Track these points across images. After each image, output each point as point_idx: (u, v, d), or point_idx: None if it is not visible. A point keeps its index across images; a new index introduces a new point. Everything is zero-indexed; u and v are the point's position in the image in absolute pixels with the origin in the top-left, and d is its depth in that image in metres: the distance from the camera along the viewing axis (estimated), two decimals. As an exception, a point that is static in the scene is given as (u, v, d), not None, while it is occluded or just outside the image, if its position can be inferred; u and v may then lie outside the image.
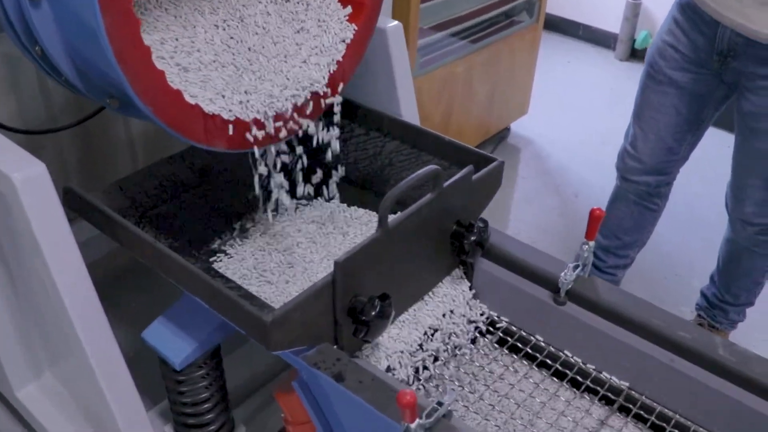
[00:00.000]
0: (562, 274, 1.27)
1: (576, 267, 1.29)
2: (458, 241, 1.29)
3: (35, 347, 1.47)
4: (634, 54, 4.38)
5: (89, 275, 1.22)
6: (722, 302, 2.25)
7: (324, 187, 1.51)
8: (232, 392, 1.53)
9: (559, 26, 4.67)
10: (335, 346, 1.13)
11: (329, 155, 1.42)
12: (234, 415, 1.49)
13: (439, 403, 0.99)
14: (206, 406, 1.36)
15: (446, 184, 1.22)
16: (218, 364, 1.35)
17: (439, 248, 1.30)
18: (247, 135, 1.26)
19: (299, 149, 1.40)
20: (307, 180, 1.45)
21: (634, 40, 4.36)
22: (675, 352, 1.21)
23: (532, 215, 2.94)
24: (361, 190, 1.58)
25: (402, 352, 1.23)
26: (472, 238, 1.27)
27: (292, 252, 1.45)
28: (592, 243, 1.29)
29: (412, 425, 0.93)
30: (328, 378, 1.06)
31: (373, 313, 1.09)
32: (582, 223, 1.26)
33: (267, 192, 1.51)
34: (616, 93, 3.95)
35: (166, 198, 1.45)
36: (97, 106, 1.54)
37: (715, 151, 2.82)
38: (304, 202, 1.58)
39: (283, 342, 1.04)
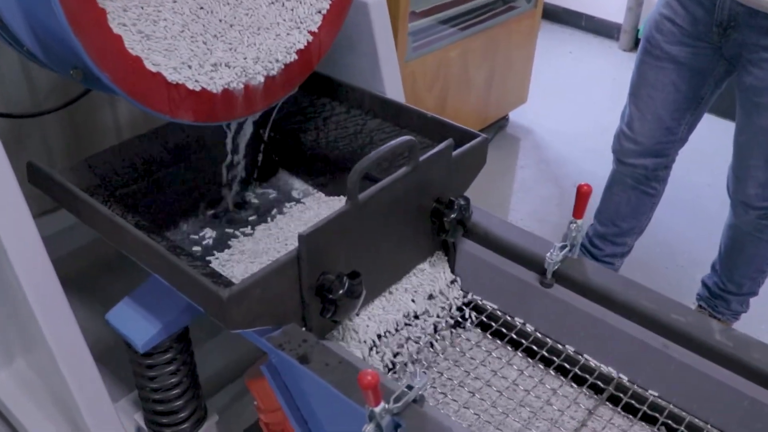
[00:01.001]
0: (548, 254, 1.20)
1: (563, 247, 1.22)
2: (438, 219, 1.22)
3: (6, 333, 1.42)
4: (638, 44, 4.29)
5: (71, 264, 1.18)
6: (724, 292, 2.15)
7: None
8: (207, 382, 1.47)
9: (561, 16, 4.59)
10: (303, 329, 1.07)
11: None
12: (209, 405, 1.43)
13: (409, 387, 0.92)
14: (175, 392, 1.29)
15: (423, 157, 1.16)
16: (186, 349, 1.28)
17: (418, 227, 1.23)
18: (216, 108, 1.20)
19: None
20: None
21: (638, 30, 4.26)
22: (668, 337, 1.13)
23: (530, 205, 2.87)
24: (339, 170, 1.51)
25: (378, 336, 1.16)
26: (452, 215, 1.20)
27: (267, 233, 1.39)
28: (580, 221, 1.22)
29: (377, 409, 0.86)
30: (292, 360, 1.00)
31: (341, 291, 1.02)
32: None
33: (243, 173, 1.46)
34: (618, 83, 3.85)
35: (137, 177, 1.38)
36: (81, 90, 1.48)
37: (718, 141, 2.73)
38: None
39: (243, 320, 0.97)
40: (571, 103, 3.60)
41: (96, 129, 1.78)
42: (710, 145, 2.92)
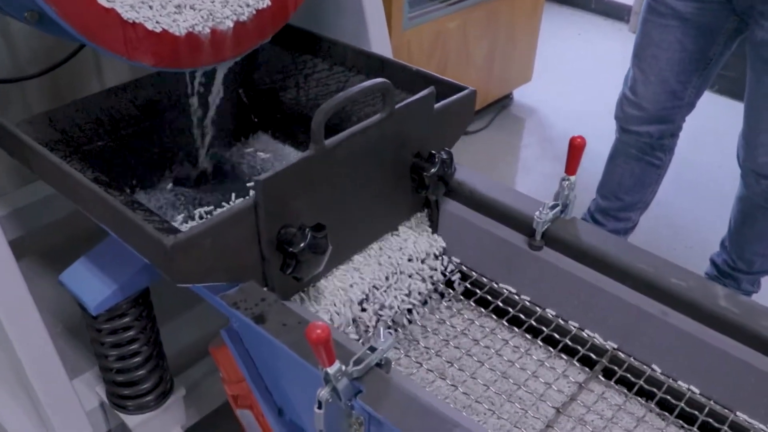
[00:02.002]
0: (537, 213, 1.10)
1: (554, 206, 1.12)
2: (418, 175, 1.12)
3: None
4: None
5: (49, 237, 1.09)
6: (734, 270, 2.01)
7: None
8: (177, 357, 1.38)
9: (571, -2, 4.48)
10: (265, 289, 0.97)
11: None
12: (178, 382, 1.34)
13: (372, 349, 0.82)
14: (135, 360, 1.20)
15: (399, 104, 1.06)
16: (147, 314, 1.19)
17: (397, 184, 1.13)
18: (180, 53, 1.10)
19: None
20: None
21: (649, 12, 4.14)
22: (668, 304, 1.03)
23: (533, 183, 2.76)
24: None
25: (351, 301, 1.06)
26: (433, 170, 1.10)
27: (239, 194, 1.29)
28: (573, 178, 1.12)
29: (330, 370, 0.76)
30: (248, 320, 0.90)
31: (303, 244, 0.92)
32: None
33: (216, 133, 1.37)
34: (626, 64, 3.74)
35: (102, 134, 1.29)
36: (65, 54, 1.39)
37: (728, 121, 2.62)
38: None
39: (192, 274, 0.88)
40: (578, 84, 3.48)
41: (80, 95, 1.70)
42: (720, 124, 2.80)
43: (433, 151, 1.12)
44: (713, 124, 1.88)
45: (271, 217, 0.92)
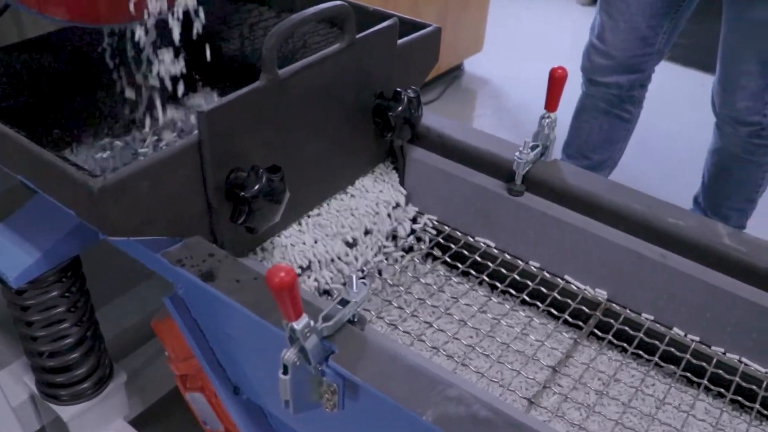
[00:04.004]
0: (517, 153, 0.98)
1: (535, 147, 1.00)
2: (382, 117, 1.00)
3: None
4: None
5: None
6: None
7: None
8: (118, 341, 1.24)
9: (517, -29, 4.39)
10: (214, 244, 0.83)
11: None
12: (119, 367, 1.19)
13: (343, 302, 0.70)
14: (67, 342, 1.05)
15: (360, 35, 0.93)
16: (78, 288, 1.04)
17: (359, 128, 1.00)
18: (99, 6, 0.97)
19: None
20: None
21: (596, -17, 4.09)
22: (667, 246, 0.92)
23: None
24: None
25: (314, 260, 0.94)
26: (399, 108, 0.98)
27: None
28: (554, 115, 1.01)
29: (297, 325, 0.63)
30: (194, 279, 0.76)
31: (257, 186, 0.79)
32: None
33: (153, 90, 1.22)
34: (576, 36, 3.65)
35: (20, 89, 1.14)
36: None
37: (684, 88, 2.54)
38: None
39: (126, 225, 0.74)
40: (529, 53, 3.40)
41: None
42: (676, 92, 2.75)
43: (399, 89, 0.99)
44: (668, 92, 1.81)
45: (218, 157, 0.78)
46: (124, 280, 1.32)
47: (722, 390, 0.88)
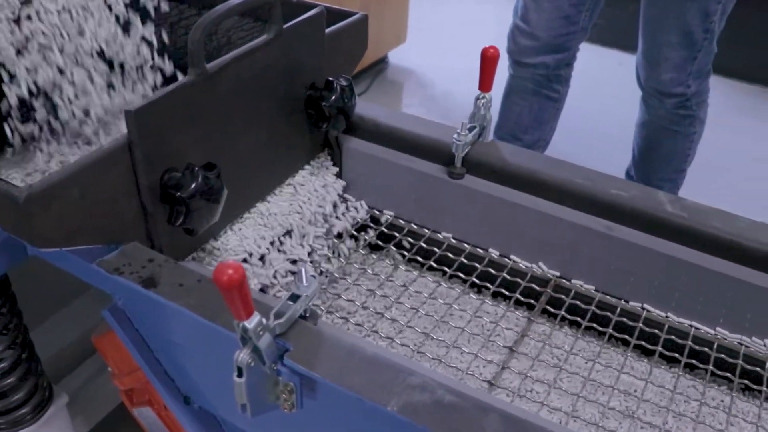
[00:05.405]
0: (455, 135, 0.97)
1: (472, 128, 0.99)
2: (315, 108, 0.97)
3: None
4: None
5: None
6: None
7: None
8: (55, 362, 1.18)
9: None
10: (152, 249, 0.80)
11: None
12: (59, 389, 1.14)
13: (294, 297, 0.67)
14: (1, 366, 1.00)
15: (288, 24, 0.91)
16: (9, 309, 0.99)
17: (293, 121, 0.98)
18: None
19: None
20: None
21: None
22: (612, 218, 0.92)
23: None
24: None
25: (256, 254, 0.91)
26: (333, 97, 0.96)
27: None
28: (489, 95, 1.00)
29: (249, 324, 0.60)
30: (135, 286, 0.73)
31: (194, 185, 0.75)
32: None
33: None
34: (501, 20, 3.69)
35: None
36: None
37: (603, 68, 2.58)
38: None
39: (56, 235, 0.70)
40: (452, 43, 3.40)
41: None
42: (596, 71, 2.80)
43: (330, 78, 0.97)
44: (589, 71, 1.84)
45: (151, 157, 0.75)
46: (58, 297, 1.26)
47: (676, 355, 0.88)
